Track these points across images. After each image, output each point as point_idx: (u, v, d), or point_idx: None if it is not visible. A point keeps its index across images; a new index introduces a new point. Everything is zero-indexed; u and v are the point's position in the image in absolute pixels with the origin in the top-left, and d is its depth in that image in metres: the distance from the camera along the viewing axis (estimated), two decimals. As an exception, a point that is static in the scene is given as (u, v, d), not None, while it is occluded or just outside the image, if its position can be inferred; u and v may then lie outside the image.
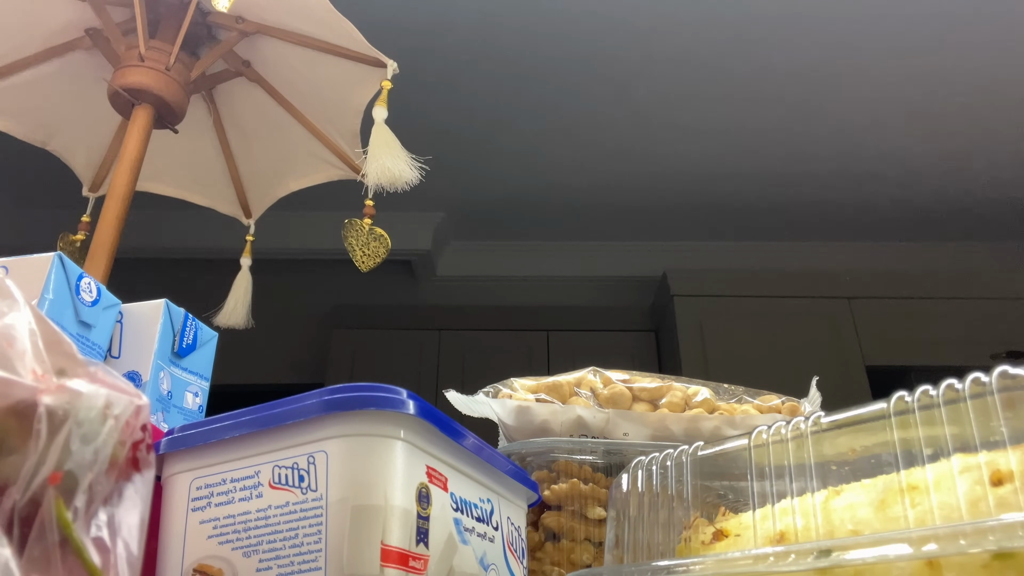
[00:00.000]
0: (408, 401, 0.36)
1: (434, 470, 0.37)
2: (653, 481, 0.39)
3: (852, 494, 0.31)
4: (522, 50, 2.16)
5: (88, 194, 0.95)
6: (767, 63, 2.15)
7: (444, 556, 0.37)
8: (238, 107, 0.92)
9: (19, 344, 0.27)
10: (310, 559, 0.33)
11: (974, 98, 2.25)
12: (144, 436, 0.32)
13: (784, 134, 2.50)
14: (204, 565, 0.35)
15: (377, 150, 0.76)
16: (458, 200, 2.93)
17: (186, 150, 0.94)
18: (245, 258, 0.95)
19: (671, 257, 3.20)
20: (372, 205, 0.79)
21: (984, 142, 2.42)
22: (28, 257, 0.49)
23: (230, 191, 0.99)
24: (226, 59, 0.85)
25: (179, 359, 0.56)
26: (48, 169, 1.03)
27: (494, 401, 0.59)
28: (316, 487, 0.34)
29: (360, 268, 0.80)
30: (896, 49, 2.08)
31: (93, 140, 0.92)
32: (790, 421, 0.35)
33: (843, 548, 0.28)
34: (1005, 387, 0.29)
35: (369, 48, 0.80)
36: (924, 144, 2.42)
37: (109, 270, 0.69)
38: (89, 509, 0.28)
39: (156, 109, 0.74)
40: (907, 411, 0.31)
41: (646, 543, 0.38)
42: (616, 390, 0.60)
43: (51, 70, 0.84)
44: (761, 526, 0.33)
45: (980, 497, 0.27)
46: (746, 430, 0.41)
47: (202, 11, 0.80)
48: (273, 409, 0.36)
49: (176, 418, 0.55)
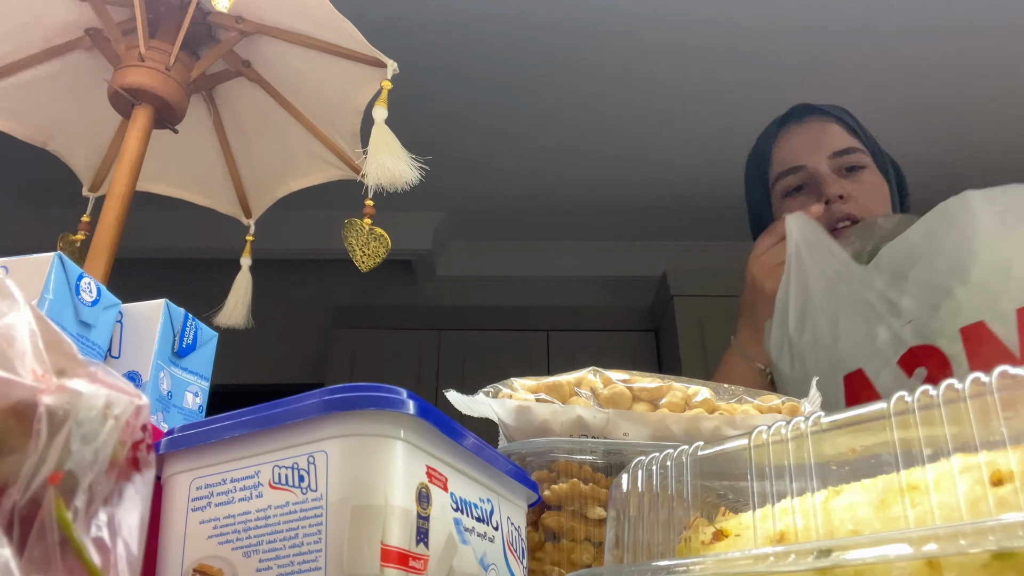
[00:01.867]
0: (408, 401, 0.36)
1: (434, 470, 0.37)
2: (653, 481, 0.39)
3: (852, 494, 0.31)
4: (523, 50, 2.16)
5: (88, 194, 0.94)
6: (767, 63, 2.15)
7: (444, 556, 0.37)
8: (238, 107, 0.92)
9: (19, 344, 0.27)
10: (310, 559, 0.33)
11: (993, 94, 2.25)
12: (144, 436, 0.32)
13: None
14: (204, 565, 0.35)
15: (377, 150, 0.76)
16: (458, 200, 2.93)
17: (186, 150, 0.94)
18: (245, 258, 0.95)
19: (671, 257, 3.20)
20: (372, 205, 0.79)
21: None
22: (28, 257, 0.49)
23: (230, 191, 0.99)
24: (226, 59, 0.85)
25: (179, 359, 0.56)
26: (48, 169, 1.03)
27: (494, 401, 0.59)
28: (316, 487, 0.34)
29: (360, 268, 0.80)
30: (894, 49, 2.09)
31: (93, 140, 0.92)
32: (790, 421, 0.35)
33: (843, 548, 0.28)
34: (1005, 387, 0.29)
35: (369, 48, 0.80)
36: (922, 142, 2.42)
37: (109, 270, 0.69)
38: (89, 509, 0.28)
39: (156, 109, 0.74)
40: (907, 411, 0.31)
41: (646, 543, 0.38)
42: (616, 390, 0.60)
43: (51, 70, 0.84)
44: (761, 526, 0.33)
45: (980, 497, 0.27)
46: (746, 430, 0.41)
47: (202, 11, 0.80)
48: (273, 409, 0.36)
49: (176, 418, 0.55)
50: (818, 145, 1.15)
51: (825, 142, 1.15)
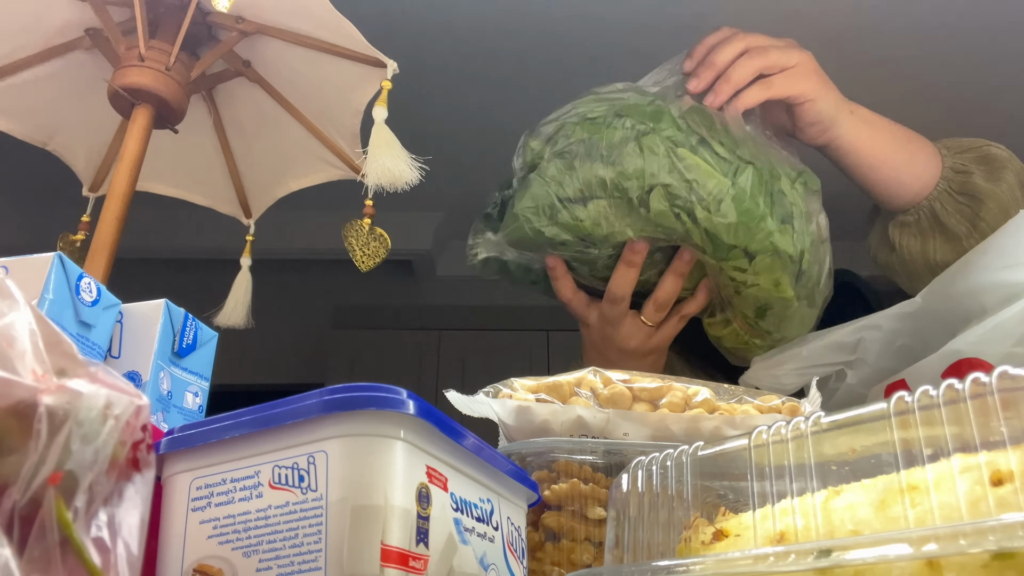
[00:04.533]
0: (408, 401, 0.36)
1: (434, 470, 0.37)
2: (653, 481, 0.39)
3: (852, 494, 0.31)
4: (523, 50, 2.16)
5: (88, 194, 0.94)
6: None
7: (444, 556, 0.37)
8: (238, 107, 0.92)
9: (19, 344, 0.27)
10: (310, 559, 0.33)
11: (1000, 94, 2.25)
12: (144, 436, 0.32)
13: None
14: (204, 565, 0.35)
15: (377, 150, 0.76)
16: (458, 200, 2.93)
17: (186, 150, 0.94)
18: (245, 258, 0.95)
19: (671, 257, 3.19)
20: (372, 205, 0.79)
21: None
22: (28, 257, 0.49)
23: (230, 191, 0.99)
24: (226, 59, 0.85)
25: (179, 359, 0.56)
26: (48, 169, 1.03)
27: (494, 401, 0.59)
28: (316, 487, 0.34)
29: (360, 268, 0.80)
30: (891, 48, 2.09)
31: (93, 140, 0.92)
32: (790, 421, 0.35)
33: (843, 548, 0.28)
34: (1005, 387, 0.29)
35: (369, 48, 0.80)
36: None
37: (109, 270, 0.69)
38: (89, 509, 0.28)
39: (156, 109, 0.74)
40: (907, 411, 0.31)
41: (646, 543, 0.38)
42: (616, 390, 0.60)
43: (51, 70, 0.84)
44: (761, 526, 0.33)
45: (980, 497, 0.27)
46: (746, 430, 0.42)
47: (202, 11, 0.80)
48: (273, 409, 0.36)
49: (176, 418, 0.55)
50: None
51: None
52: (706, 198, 0.71)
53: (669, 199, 0.72)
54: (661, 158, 0.72)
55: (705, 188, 0.71)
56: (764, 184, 0.74)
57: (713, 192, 0.71)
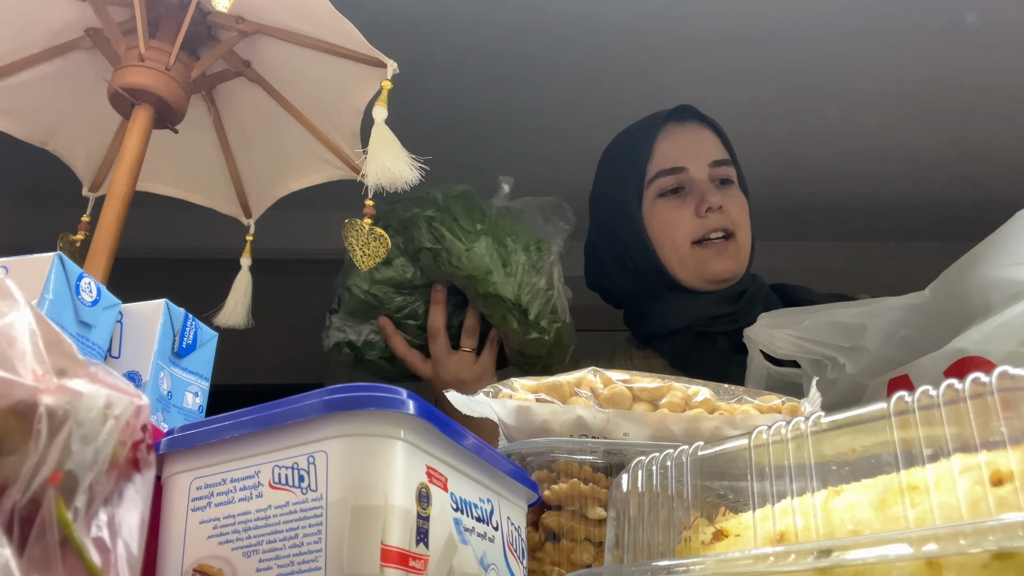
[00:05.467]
0: (408, 401, 0.36)
1: (434, 470, 0.37)
2: (653, 481, 0.39)
3: (852, 494, 0.31)
4: (524, 50, 2.16)
5: (88, 194, 0.94)
6: (766, 63, 2.15)
7: (444, 556, 0.37)
8: (238, 107, 0.92)
9: (19, 344, 0.27)
10: (310, 559, 0.33)
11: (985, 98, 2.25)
12: (144, 436, 0.32)
13: (783, 132, 2.50)
14: (204, 565, 0.35)
15: (377, 150, 0.76)
16: (458, 200, 2.93)
17: (186, 150, 0.94)
18: (245, 258, 0.95)
19: (671, 257, 3.19)
20: (372, 205, 0.79)
21: (990, 143, 2.42)
22: (28, 257, 0.49)
23: (230, 191, 0.99)
24: (226, 59, 0.85)
25: (179, 359, 0.56)
26: (48, 169, 1.03)
27: (494, 401, 0.59)
28: (316, 487, 0.34)
29: (360, 268, 0.80)
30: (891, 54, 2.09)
31: (93, 140, 0.92)
32: (790, 421, 0.35)
33: (843, 548, 0.28)
34: (1005, 387, 0.29)
35: (369, 48, 0.80)
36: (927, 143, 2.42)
37: (109, 270, 0.69)
38: (89, 509, 0.28)
39: (156, 109, 0.74)
40: (907, 411, 0.31)
41: (646, 543, 0.38)
42: (616, 390, 0.60)
43: (51, 70, 0.84)
44: (761, 526, 0.33)
45: (980, 497, 0.27)
46: (746, 430, 0.42)
47: (202, 11, 0.80)
48: (273, 409, 0.36)
49: (176, 418, 0.55)
50: (699, 150, 1.14)
51: (705, 149, 1.14)
52: (452, 257, 1.03)
53: (433, 256, 1.04)
54: (424, 232, 1.05)
55: (451, 251, 1.03)
56: (495, 248, 1.05)
57: (455, 252, 1.03)
